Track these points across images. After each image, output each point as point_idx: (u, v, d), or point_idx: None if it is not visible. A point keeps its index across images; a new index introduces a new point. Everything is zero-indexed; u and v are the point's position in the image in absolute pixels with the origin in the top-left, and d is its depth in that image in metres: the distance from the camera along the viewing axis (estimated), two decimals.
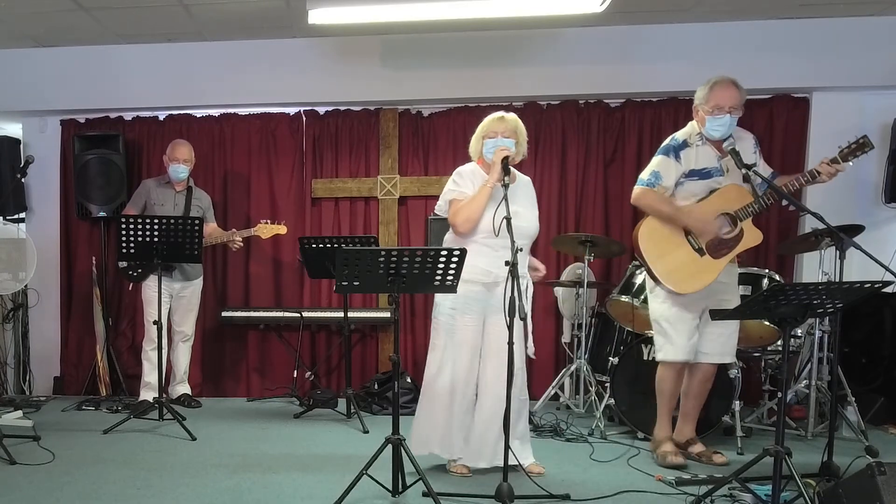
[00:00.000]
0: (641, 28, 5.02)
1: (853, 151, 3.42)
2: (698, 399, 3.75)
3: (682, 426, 3.80)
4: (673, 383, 3.70)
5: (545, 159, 5.31)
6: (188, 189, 5.09)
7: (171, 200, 5.02)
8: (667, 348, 3.65)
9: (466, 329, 3.37)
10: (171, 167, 4.98)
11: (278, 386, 5.48)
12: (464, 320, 3.37)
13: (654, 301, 3.70)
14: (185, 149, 5.01)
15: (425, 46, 5.17)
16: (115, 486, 3.38)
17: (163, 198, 5.02)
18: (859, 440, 3.99)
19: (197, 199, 5.10)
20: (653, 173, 3.58)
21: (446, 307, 3.40)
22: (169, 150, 5.02)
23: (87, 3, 4.61)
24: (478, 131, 3.47)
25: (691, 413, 3.78)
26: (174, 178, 5.01)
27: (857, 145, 3.42)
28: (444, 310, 3.42)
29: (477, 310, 3.36)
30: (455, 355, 3.39)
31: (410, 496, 3.14)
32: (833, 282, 3.15)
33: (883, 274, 3.09)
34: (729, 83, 3.46)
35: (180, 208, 5.01)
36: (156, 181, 5.12)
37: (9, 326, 5.78)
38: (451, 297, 3.32)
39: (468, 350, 3.38)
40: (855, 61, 4.84)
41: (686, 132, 3.61)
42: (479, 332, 3.39)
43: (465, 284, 3.22)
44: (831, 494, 2.81)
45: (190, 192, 5.08)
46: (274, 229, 5.01)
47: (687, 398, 3.76)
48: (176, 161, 4.96)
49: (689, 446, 3.76)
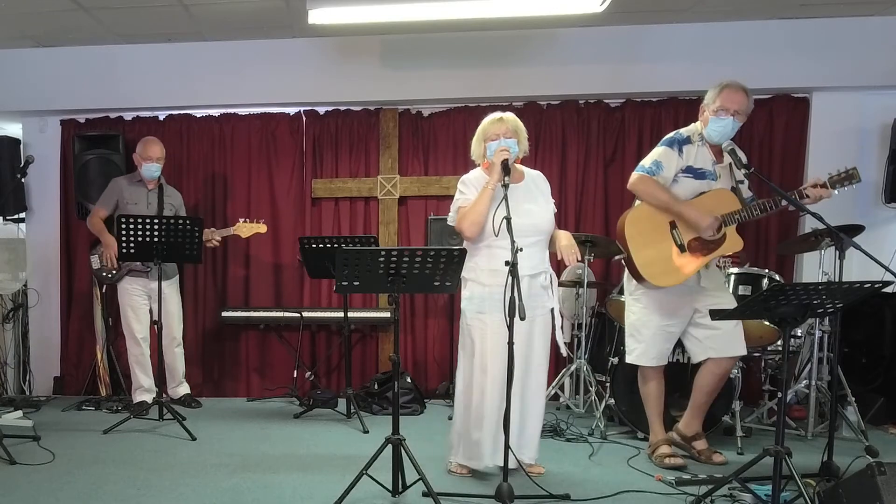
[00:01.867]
0: (641, 28, 5.02)
1: (842, 180, 3.46)
2: (710, 395, 3.72)
3: (691, 420, 3.78)
4: (655, 387, 3.73)
5: (545, 159, 5.31)
6: (160, 187, 5.00)
7: (143, 199, 4.94)
8: (637, 352, 3.69)
9: (497, 329, 3.29)
10: (144, 166, 4.90)
11: (278, 386, 5.48)
12: (493, 320, 3.29)
13: (634, 305, 3.72)
14: (157, 147, 4.94)
15: (425, 46, 5.17)
16: (115, 486, 3.38)
17: (135, 196, 4.94)
18: (859, 440, 3.99)
19: (168, 196, 5.02)
20: (654, 162, 3.57)
21: (472, 311, 3.38)
22: (140, 149, 4.93)
23: (87, 3, 4.61)
24: (478, 134, 3.46)
25: (701, 407, 3.76)
26: (147, 177, 4.94)
27: (846, 175, 3.46)
28: (470, 314, 3.39)
29: (502, 309, 3.32)
30: (485, 357, 3.34)
31: (410, 496, 3.14)
32: (833, 282, 3.14)
33: (883, 274, 3.09)
34: (739, 88, 3.48)
35: (153, 207, 4.92)
36: (127, 180, 5.03)
37: (9, 326, 5.78)
38: (475, 301, 3.34)
39: (500, 350, 3.35)
40: (855, 61, 4.84)
41: (690, 130, 3.63)
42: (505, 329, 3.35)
43: (485, 287, 3.26)
44: (831, 494, 2.81)
45: (161, 190, 4.99)
46: (253, 228, 4.96)
47: (698, 392, 3.73)
48: (149, 160, 4.89)
49: (694, 441, 3.75)
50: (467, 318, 3.42)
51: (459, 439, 3.48)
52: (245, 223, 4.97)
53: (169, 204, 5.01)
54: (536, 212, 3.38)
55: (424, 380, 5.47)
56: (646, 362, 3.69)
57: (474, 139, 3.49)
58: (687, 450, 3.76)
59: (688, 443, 3.76)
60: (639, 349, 3.70)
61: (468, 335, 3.42)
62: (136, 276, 4.92)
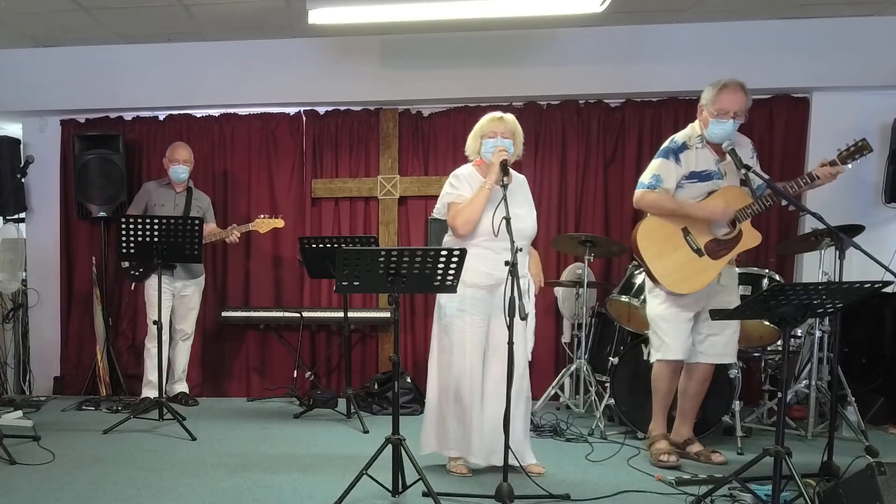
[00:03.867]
0: (641, 28, 5.02)
1: (852, 154, 3.42)
2: (695, 399, 3.75)
3: (680, 426, 3.80)
4: (668, 381, 3.71)
5: (545, 159, 5.31)
6: (188, 190, 5.13)
7: (171, 201, 5.07)
8: (663, 348, 3.67)
9: (475, 329, 3.36)
10: (172, 168, 5.03)
11: (278, 386, 5.47)
12: (473, 320, 3.35)
13: (653, 301, 3.70)
14: (184, 150, 5.08)
15: (425, 46, 5.17)
16: (115, 486, 3.38)
17: (163, 199, 5.07)
18: (859, 440, 3.99)
19: (197, 199, 5.15)
20: (654, 176, 3.57)
21: (452, 308, 3.38)
22: (169, 152, 5.08)
23: (87, 3, 4.61)
24: (475, 131, 3.47)
25: (689, 413, 3.78)
26: (175, 180, 5.06)
27: (855, 148, 3.42)
28: (450, 311, 3.39)
29: (482, 310, 3.36)
30: (464, 355, 3.36)
31: (410, 496, 3.14)
32: (833, 282, 3.14)
33: (883, 274, 3.09)
34: (738, 87, 3.45)
35: (180, 209, 5.05)
36: (156, 183, 5.18)
37: (9, 326, 5.78)
38: (455, 299, 3.31)
39: (477, 349, 3.37)
40: (855, 61, 4.84)
41: (685, 134, 3.61)
42: (485, 333, 3.38)
43: (468, 288, 3.24)
44: (831, 494, 2.81)
45: (190, 193, 5.12)
46: (271, 223, 5.05)
47: (684, 398, 3.76)
48: (176, 162, 5.02)
49: (687, 446, 3.76)
50: (445, 315, 3.41)
51: (432, 429, 3.49)
52: (264, 219, 5.05)
53: (196, 206, 5.11)
54: (524, 217, 3.39)
55: (424, 380, 5.41)
56: (670, 356, 3.63)
57: (471, 135, 3.49)
58: (684, 457, 3.73)
59: (682, 449, 3.75)
60: (664, 345, 3.65)
61: (445, 333, 3.41)
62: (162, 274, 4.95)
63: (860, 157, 3.43)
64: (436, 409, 3.49)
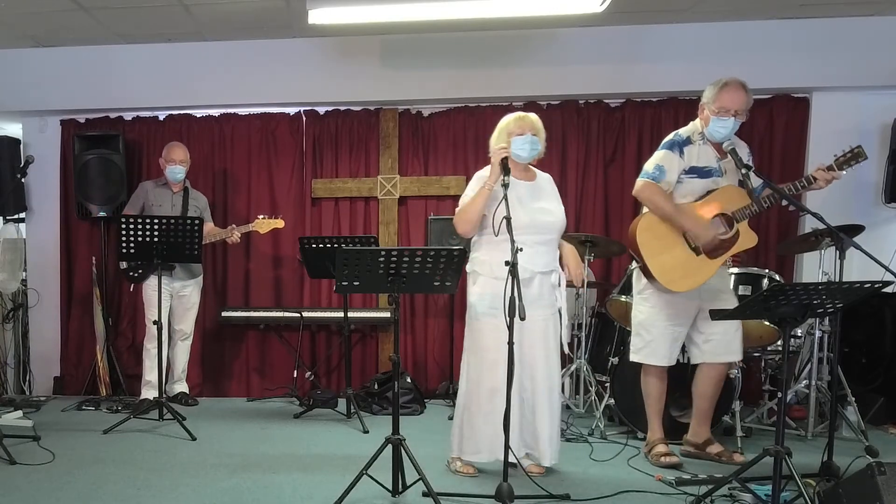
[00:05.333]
0: (641, 28, 5.02)
1: (848, 160, 3.42)
2: (710, 400, 3.72)
3: (697, 427, 3.78)
4: (656, 386, 3.72)
5: (545, 159, 5.16)
6: (185, 190, 5.12)
7: (168, 201, 5.05)
8: (645, 351, 3.68)
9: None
10: (168, 168, 5.02)
11: (278, 386, 5.47)
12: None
13: (642, 303, 3.71)
14: (181, 150, 5.06)
15: (425, 46, 5.17)
16: (115, 486, 3.38)
17: (160, 199, 5.06)
18: (859, 440, 3.99)
19: (194, 199, 5.14)
20: (657, 167, 3.56)
21: (485, 306, 3.31)
22: (165, 152, 5.07)
23: (87, 3, 4.61)
24: (500, 130, 3.41)
25: (705, 413, 3.76)
26: (171, 180, 5.05)
27: (851, 154, 3.42)
28: (482, 309, 3.33)
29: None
30: (498, 353, 3.25)
31: (410, 496, 3.14)
32: (833, 282, 3.14)
33: (883, 274, 3.09)
34: (739, 86, 3.45)
35: (178, 209, 5.03)
36: (153, 183, 5.17)
37: (9, 326, 5.78)
38: (488, 297, 3.27)
39: (514, 348, 3.33)
40: (855, 61, 4.84)
41: (689, 129, 3.61)
42: (520, 329, 3.33)
43: (499, 282, 3.11)
44: (831, 494, 2.81)
45: (187, 193, 5.11)
46: (272, 223, 5.04)
47: (699, 399, 3.74)
48: (172, 162, 5.01)
49: (707, 447, 3.73)
50: (478, 315, 3.35)
51: (462, 434, 3.44)
52: (264, 219, 5.04)
53: (194, 206, 5.11)
54: (553, 210, 3.41)
55: (424, 380, 5.47)
56: (653, 361, 3.67)
57: (494, 135, 3.44)
58: (703, 458, 3.71)
59: (701, 450, 3.73)
60: (645, 348, 3.68)
61: (479, 334, 3.35)
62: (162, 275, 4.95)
63: (855, 163, 3.43)
64: (466, 416, 3.42)
